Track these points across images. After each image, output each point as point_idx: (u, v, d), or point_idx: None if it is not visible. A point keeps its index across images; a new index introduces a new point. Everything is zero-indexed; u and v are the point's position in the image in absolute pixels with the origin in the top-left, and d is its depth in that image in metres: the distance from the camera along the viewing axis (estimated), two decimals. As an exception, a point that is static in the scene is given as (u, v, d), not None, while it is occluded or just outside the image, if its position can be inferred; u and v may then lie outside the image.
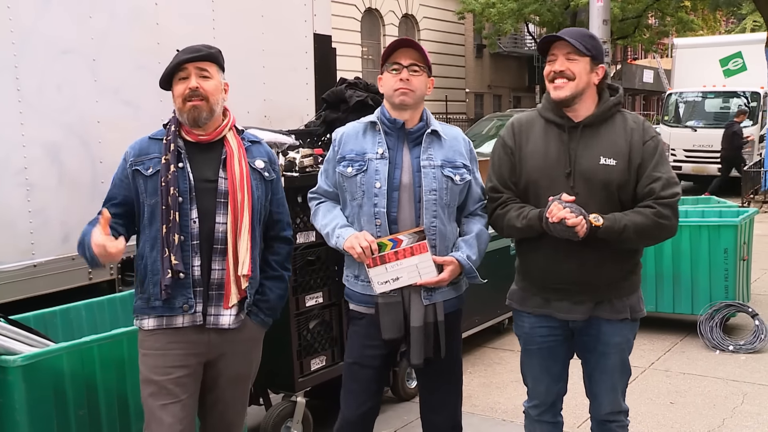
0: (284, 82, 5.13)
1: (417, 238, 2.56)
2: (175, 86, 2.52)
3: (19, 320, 2.92)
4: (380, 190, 2.57)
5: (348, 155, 2.64)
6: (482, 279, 2.69)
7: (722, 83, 15.80)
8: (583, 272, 2.57)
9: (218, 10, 4.64)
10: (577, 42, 2.52)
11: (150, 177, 2.48)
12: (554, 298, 2.66)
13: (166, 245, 2.41)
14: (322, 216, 2.72)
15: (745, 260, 5.62)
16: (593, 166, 2.55)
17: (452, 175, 2.62)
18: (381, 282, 2.56)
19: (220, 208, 2.49)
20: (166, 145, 2.49)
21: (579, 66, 2.54)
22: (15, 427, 2.52)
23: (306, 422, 3.61)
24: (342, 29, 19.10)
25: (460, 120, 26.24)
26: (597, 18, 8.95)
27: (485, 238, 2.72)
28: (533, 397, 2.85)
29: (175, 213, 2.42)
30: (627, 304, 2.65)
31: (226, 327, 2.50)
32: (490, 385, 4.71)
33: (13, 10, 3.58)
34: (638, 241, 2.59)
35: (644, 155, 2.56)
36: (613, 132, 2.59)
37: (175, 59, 2.52)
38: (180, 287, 2.44)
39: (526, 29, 29.02)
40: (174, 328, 2.48)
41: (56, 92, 3.79)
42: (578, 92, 2.56)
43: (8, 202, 3.57)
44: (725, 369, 4.85)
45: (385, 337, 2.58)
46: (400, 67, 2.60)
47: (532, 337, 2.76)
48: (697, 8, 27.00)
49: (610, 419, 2.77)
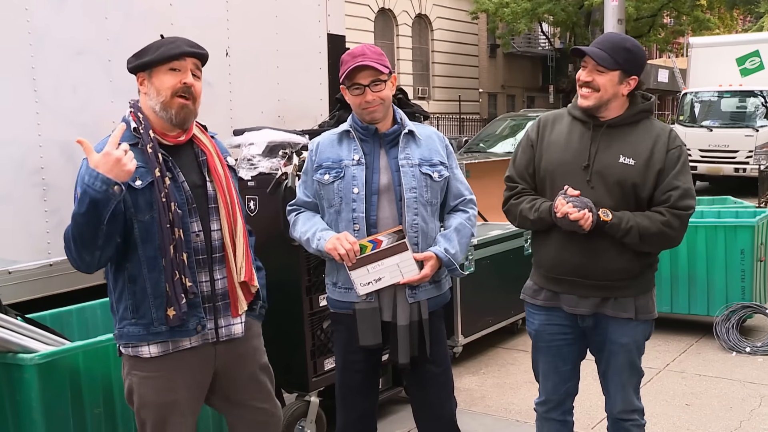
0: (298, 83, 5.14)
1: (396, 238, 2.57)
2: (161, 76, 2.25)
3: (36, 319, 2.94)
4: (358, 195, 2.58)
5: (324, 163, 2.65)
6: (463, 272, 2.70)
7: (739, 82, 15.63)
8: (590, 265, 2.60)
9: (232, 10, 4.66)
10: (606, 56, 2.53)
11: (141, 190, 2.21)
12: (562, 291, 2.69)
13: (176, 267, 2.20)
14: (302, 224, 2.70)
15: (763, 261, 5.56)
16: (612, 163, 2.58)
17: (430, 172, 2.64)
18: (363, 284, 2.56)
19: (212, 215, 2.35)
20: (152, 153, 2.22)
21: (605, 78, 2.56)
22: (31, 424, 2.54)
23: (319, 422, 3.62)
24: (355, 29, 19.12)
25: (473, 120, 26.19)
26: (612, 17, 8.89)
27: (466, 232, 2.71)
28: (542, 393, 2.88)
29: (179, 230, 2.22)
30: (634, 303, 2.65)
31: (239, 335, 2.41)
32: (504, 385, 4.69)
33: (30, 12, 3.61)
34: (639, 245, 2.58)
35: (667, 162, 2.58)
36: (638, 135, 2.62)
37: (174, 47, 2.26)
38: (192, 308, 2.27)
39: (540, 29, 28.93)
40: (181, 351, 2.31)
41: (72, 93, 3.81)
42: (603, 103, 2.60)
43: (25, 202, 3.60)
44: (742, 371, 4.80)
45: (362, 343, 2.59)
46: (362, 87, 2.57)
47: (542, 335, 2.79)
48: (713, 7, 26.78)
49: (623, 417, 2.77)
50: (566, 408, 2.88)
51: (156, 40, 2.35)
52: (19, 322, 2.72)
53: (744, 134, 14.81)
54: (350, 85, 2.60)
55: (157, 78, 2.27)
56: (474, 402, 4.41)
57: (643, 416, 2.82)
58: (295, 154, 3.57)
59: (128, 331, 2.30)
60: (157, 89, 2.27)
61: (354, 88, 2.59)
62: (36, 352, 2.56)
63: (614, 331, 2.68)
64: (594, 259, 2.59)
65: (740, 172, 14.68)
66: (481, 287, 4.87)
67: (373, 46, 2.66)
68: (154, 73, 2.28)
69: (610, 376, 2.75)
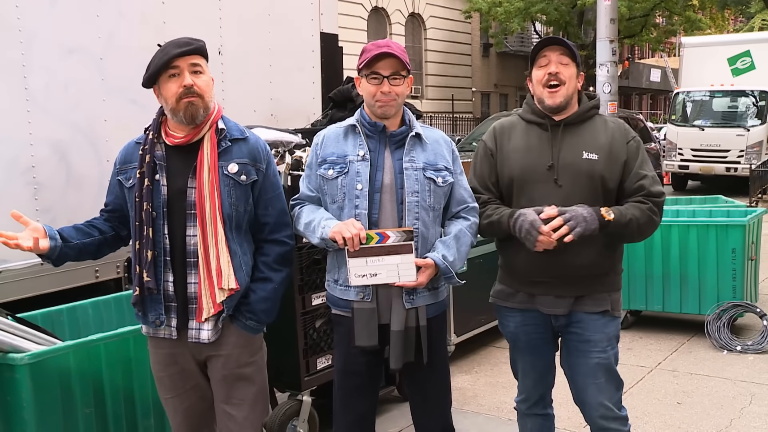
0: (291, 81, 5.14)
1: (404, 238, 2.48)
2: (165, 85, 2.37)
3: (27, 318, 2.93)
4: (361, 192, 2.52)
5: (329, 158, 2.59)
6: (460, 280, 2.59)
7: (730, 82, 15.72)
8: (565, 265, 2.60)
9: (225, 8, 4.65)
10: (571, 46, 2.63)
11: (129, 189, 2.44)
12: (538, 293, 2.69)
13: (138, 261, 2.38)
14: (306, 215, 2.62)
15: (753, 260, 5.59)
16: (577, 159, 2.61)
17: (434, 177, 2.57)
18: (358, 275, 2.48)
19: (190, 220, 2.39)
20: (141, 155, 2.40)
21: (570, 71, 2.63)
22: (22, 424, 2.53)
23: (312, 421, 3.61)
24: (348, 28, 19.11)
25: (466, 119, 26.22)
26: (604, 17, 8.89)
27: (466, 239, 2.63)
28: (521, 391, 2.91)
29: (148, 229, 2.36)
30: (608, 298, 2.68)
31: (205, 341, 2.43)
32: (496, 384, 4.70)
33: (20, 10, 3.59)
34: (636, 235, 2.65)
35: (629, 154, 2.64)
36: (594, 130, 2.68)
37: (163, 55, 2.35)
38: (152, 302, 2.41)
39: (533, 28, 28.95)
40: (159, 337, 2.48)
41: (63, 91, 3.80)
42: (569, 97, 2.64)
43: (16, 201, 3.58)
44: (733, 369, 4.83)
45: (358, 344, 2.53)
46: (380, 77, 2.51)
47: (519, 335, 2.80)
48: (705, 7, 26.87)
49: (606, 426, 2.69)
50: (546, 402, 2.90)
51: (156, 51, 2.40)
52: (10, 321, 2.70)
53: (735, 134, 14.90)
54: (368, 74, 2.53)
55: (163, 87, 2.40)
56: (466, 401, 4.42)
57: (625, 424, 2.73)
58: (288, 153, 3.57)
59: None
60: (165, 98, 2.40)
61: (372, 77, 2.52)
62: (27, 351, 2.55)
63: (588, 328, 2.66)
64: (566, 258, 2.58)
65: (732, 171, 14.77)
66: (474, 286, 4.87)
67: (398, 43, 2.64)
68: (161, 83, 2.39)
69: (583, 382, 2.69)
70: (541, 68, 2.63)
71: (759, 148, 14.72)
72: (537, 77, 2.64)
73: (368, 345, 2.53)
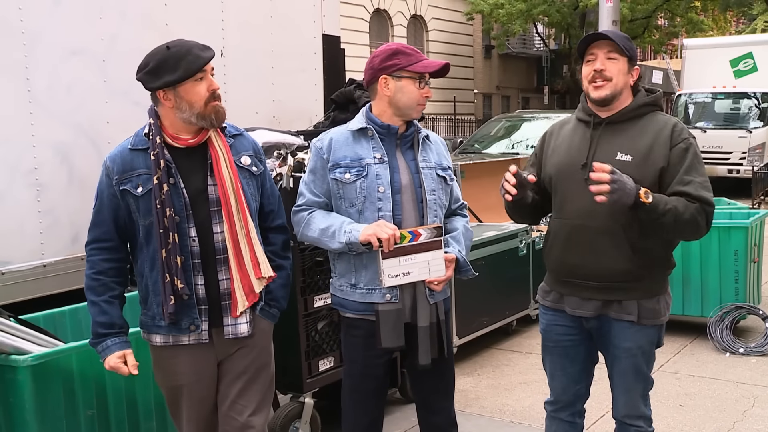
0: (293, 83, 5.13)
1: (435, 234, 2.56)
2: (192, 89, 2.33)
3: (29, 320, 2.93)
4: (384, 194, 2.55)
5: (342, 161, 2.57)
6: (475, 272, 2.75)
7: (733, 84, 15.69)
8: (589, 266, 2.57)
9: (227, 10, 4.65)
10: (619, 40, 2.55)
11: (141, 197, 2.36)
12: (566, 293, 2.68)
13: (167, 269, 2.32)
14: (320, 221, 2.58)
15: (756, 262, 5.59)
16: (609, 160, 2.50)
17: (445, 176, 2.70)
18: (392, 275, 2.49)
19: (215, 218, 2.40)
20: (155, 160, 2.33)
21: (618, 66, 2.55)
22: (24, 426, 2.53)
23: (314, 423, 3.61)
24: (351, 30, 19.10)
25: (468, 121, 26.21)
26: (606, 18, 8.91)
27: (468, 235, 2.80)
28: (552, 393, 2.87)
29: (174, 235, 2.32)
30: (638, 306, 2.60)
31: (245, 334, 2.45)
32: (499, 386, 4.69)
33: (24, 11, 3.60)
34: (672, 230, 2.51)
35: (671, 159, 2.52)
36: (639, 130, 2.59)
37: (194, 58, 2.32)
38: (185, 308, 2.38)
39: (535, 30, 28.97)
40: (181, 345, 2.45)
41: (66, 93, 3.80)
42: (617, 92, 2.57)
43: (18, 202, 3.58)
44: (735, 372, 4.82)
45: (384, 345, 2.54)
46: (425, 81, 2.62)
47: (549, 334, 2.79)
48: (707, 9, 26.86)
49: (627, 422, 2.73)
50: (575, 410, 2.84)
51: (164, 53, 2.34)
52: (12, 323, 2.71)
53: (737, 136, 14.88)
54: (418, 76, 2.58)
55: (185, 91, 2.34)
56: (468, 403, 4.41)
57: (650, 424, 2.75)
58: (290, 155, 3.56)
59: (142, 320, 2.51)
60: (190, 102, 2.34)
61: (423, 80, 2.60)
62: (29, 353, 2.56)
63: (617, 335, 2.64)
64: (593, 260, 2.56)
65: (734, 173, 14.75)
66: (476, 288, 4.88)
67: None
68: (180, 87, 2.33)
69: (615, 380, 2.73)
70: (588, 64, 2.59)
71: (761, 150, 14.70)
72: (584, 73, 2.61)
73: (396, 346, 2.56)
